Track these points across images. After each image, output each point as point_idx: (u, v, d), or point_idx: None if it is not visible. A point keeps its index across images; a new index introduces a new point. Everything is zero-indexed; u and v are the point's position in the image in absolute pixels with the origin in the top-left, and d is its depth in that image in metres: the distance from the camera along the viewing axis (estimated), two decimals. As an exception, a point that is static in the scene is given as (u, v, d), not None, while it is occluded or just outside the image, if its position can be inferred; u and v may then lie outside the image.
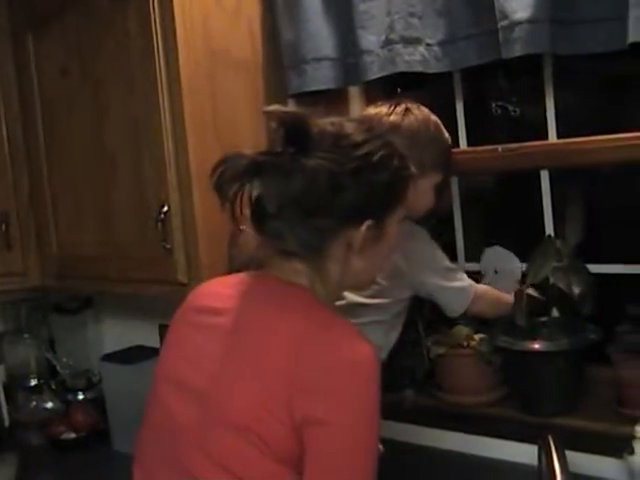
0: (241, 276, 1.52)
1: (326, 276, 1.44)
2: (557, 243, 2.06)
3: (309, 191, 1.34)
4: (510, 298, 2.04)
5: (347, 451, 1.28)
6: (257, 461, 1.30)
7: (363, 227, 1.40)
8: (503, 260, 2.16)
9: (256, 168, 1.34)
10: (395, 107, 1.95)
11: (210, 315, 1.47)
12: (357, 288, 1.68)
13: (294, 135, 1.36)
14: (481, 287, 2.08)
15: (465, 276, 2.05)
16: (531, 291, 2.03)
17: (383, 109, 1.95)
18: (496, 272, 2.15)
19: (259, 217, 1.39)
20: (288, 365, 1.29)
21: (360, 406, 1.29)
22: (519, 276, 2.10)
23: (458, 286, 2.01)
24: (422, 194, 1.95)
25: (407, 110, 1.94)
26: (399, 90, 2.45)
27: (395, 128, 1.88)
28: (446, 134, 1.99)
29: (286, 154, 1.36)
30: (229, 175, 1.35)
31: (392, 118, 1.92)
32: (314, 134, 1.38)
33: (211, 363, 1.40)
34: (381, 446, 1.66)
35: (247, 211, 1.39)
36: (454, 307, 2.04)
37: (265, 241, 1.45)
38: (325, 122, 1.43)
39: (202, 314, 1.50)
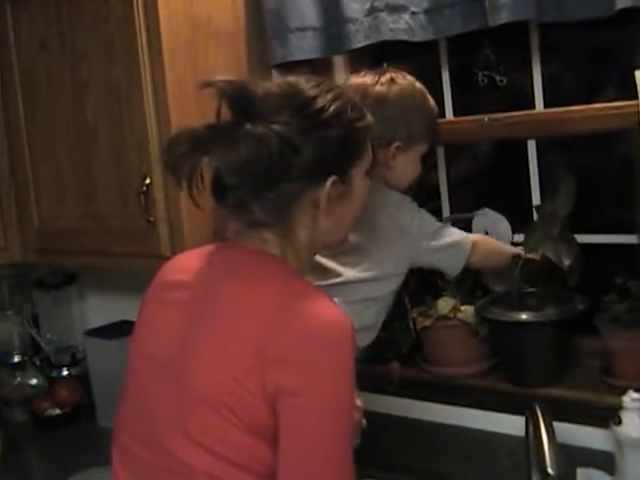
0: (209, 248, 1.49)
1: (296, 241, 1.42)
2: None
3: (262, 158, 1.31)
4: (509, 248, 2.05)
5: (320, 424, 1.26)
6: (233, 436, 1.27)
7: (327, 184, 1.39)
8: (494, 223, 2.13)
9: (204, 142, 1.33)
10: (379, 77, 1.91)
11: (177, 289, 1.45)
12: (328, 248, 1.63)
13: (237, 103, 1.35)
14: (476, 236, 2.02)
15: (456, 230, 1.98)
16: (532, 255, 2.01)
17: (367, 79, 1.91)
18: (487, 233, 2.12)
19: (219, 191, 1.38)
20: (258, 334, 1.27)
21: (333, 377, 1.27)
22: (510, 238, 2.08)
23: (451, 241, 1.93)
24: (410, 164, 1.93)
25: (392, 80, 1.91)
26: (385, 63, 2.43)
27: (382, 99, 1.85)
28: (432, 102, 1.96)
29: (232, 124, 1.34)
30: (179, 153, 1.34)
31: (377, 89, 1.88)
32: (258, 99, 1.36)
33: (179, 338, 1.37)
34: (364, 420, 1.67)
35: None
36: (453, 264, 1.95)
37: (230, 214, 1.43)
38: (272, 84, 1.43)
39: (169, 289, 1.48)
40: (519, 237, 2.11)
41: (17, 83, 2.47)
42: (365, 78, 1.92)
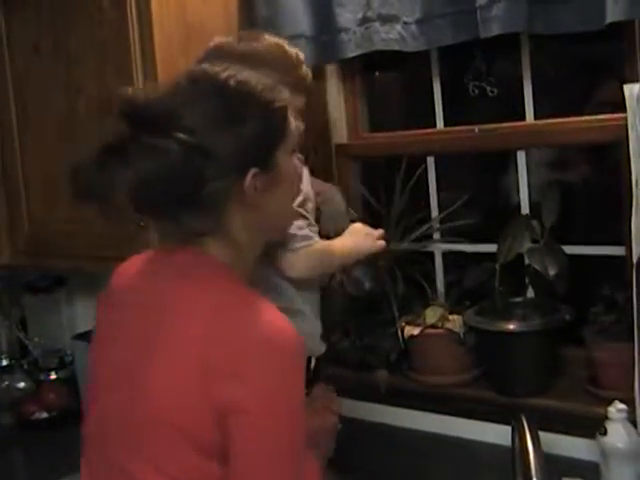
0: (154, 252, 1.45)
1: (238, 243, 1.35)
2: (532, 223, 2.07)
3: (167, 169, 1.22)
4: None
5: (271, 440, 1.21)
6: (183, 456, 1.23)
7: (248, 177, 1.29)
8: (322, 187, 1.98)
9: (103, 166, 1.25)
10: None
11: (124, 295, 1.42)
12: (276, 237, 1.54)
13: (130, 119, 1.26)
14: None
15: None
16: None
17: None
18: (318, 194, 1.92)
19: (142, 208, 1.31)
20: (203, 348, 1.22)
21: (284, 391, 1.22)
22: (342, 208, 1.99)
23: None
24: None
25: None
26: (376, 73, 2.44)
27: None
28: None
29: (127, 140, 1.25)
30: (83, 184, 1.27)
31: None
32: (151, 108, 1.27)
33: (126, 350, 1.33)
34: (339, 424, 1.69)
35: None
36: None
37: (168, 229, 1.37)
38: (169, 84, 1.34)
39: (117, 295, 1.44)
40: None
41: (10, 86, 2.47)
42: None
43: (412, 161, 2.26)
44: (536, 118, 2.11)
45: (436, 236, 2.32)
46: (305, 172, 1.76)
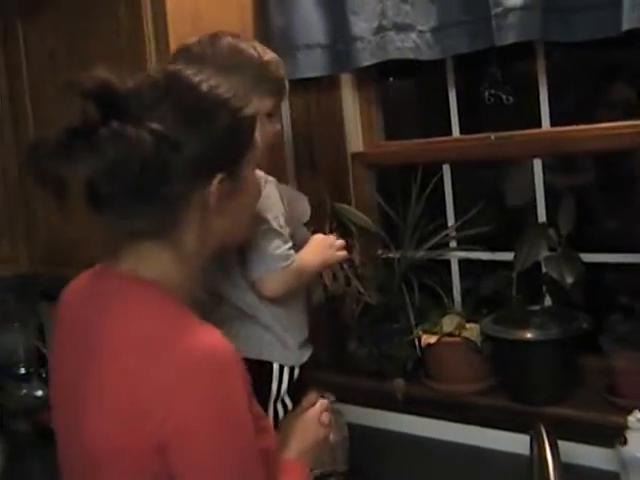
0: (94, 270, 1.39)
1: (182, 249, 1.29)
2: (549, 231, 2.06)
3: (135, 159, 1.17)
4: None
5: (215, 460, 1.16)
6: None
7: (215, 182, 1.26)
8: (289, 195, 1.94)
9: (66, 149, 1.17)
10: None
11: (66, 317, 1.38)
12: (228, 248, 1.49)
13: (102, 101, 1.18)
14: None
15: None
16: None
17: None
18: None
19: (94, 200, 1.24)
20: (134, 383, 1.16)
21: (216, 410, 1.15)
22: (304, 216, 1.96)
23: None
24: None
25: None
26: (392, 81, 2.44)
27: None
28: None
29: (97, 124, 1.18)
30: (41, 163, 1.18)
31: None
32: (128, 93, 1.21)
33: (66, 379, 1.30)
34: (332, 436, 1.62)
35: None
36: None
37: (109, 225, 1.29)
38: (148, 75, 1.29)
39: (61, 314, 1.40)
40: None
41: (26, 92, 2.49)
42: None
43: (428, 169, 2.26)
44: (552, 125, 2.10)
45: (452, 244, 2.31)
46: (272, 187, 1.73)
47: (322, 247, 1.83)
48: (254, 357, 1.67)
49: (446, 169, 2.29)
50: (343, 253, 1.87)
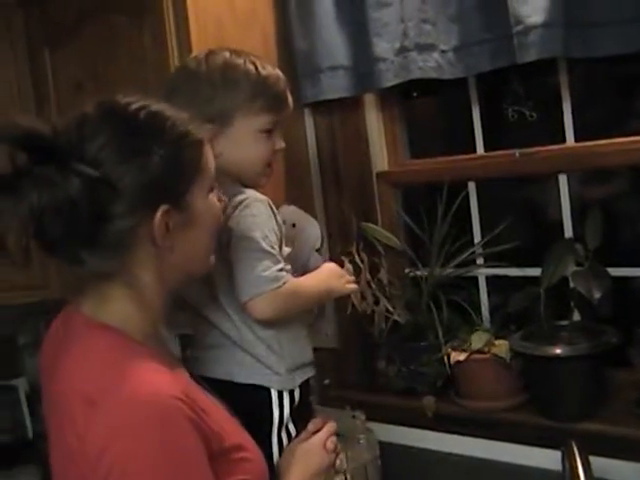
0: (63, 313, 1.38)
1: (141, 287, 1.27)
2: (576, 246, 2.06)
3: (65, 204, 1.13)
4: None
5: None
6: None
7: (158, 215, 1.22)
8: (301, 220, 1.99)
9: None
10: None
11: (41, 360, 1.39)
12: (190, 279, 1.41)
13: (28, 147, 1.16)
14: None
15: None
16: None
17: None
18: (294, 225, 1.97)
19: (44, 246, 1.22)
20: (78, 430, 1.16)
21: (152, 454, 1.13)
22: (317, 242, 1.96)
23: None
24: (239, 144, 1.68)
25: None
26: (415, 100, 2.46)
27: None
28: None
29: (19, 172, 1.15)
30: None
31: None
32: (52, 139, 1.17)
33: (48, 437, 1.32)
34: (339, 461, 1.57)
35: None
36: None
37: (67, 267, 1.27)
38: (74, 114, 1.24)
39: (40, 354, 1.40)
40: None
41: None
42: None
43: (453, 186, 2.27)
44: (576, 140, 2.10)
45: (479, 261, 2.32)
46: (262, 205, 1.66)
47: (330, 276, 1.78)
48: (247, 382, 1.65)
49: (471, 186, 2.30)
50: (353, 286, 1.83)
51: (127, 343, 1.25)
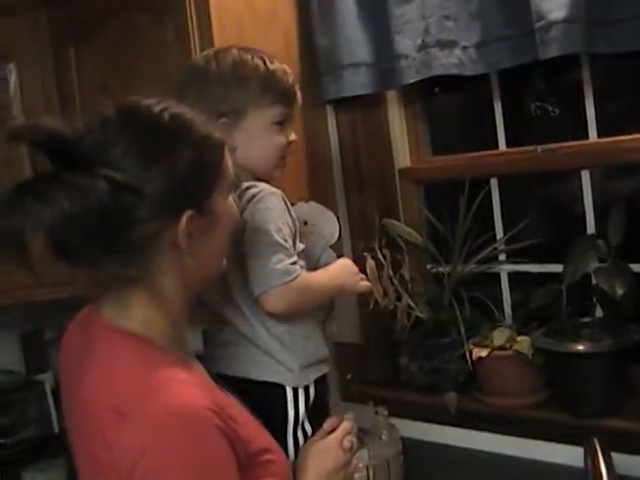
0: (82, 314, 1.38)
1: (163, 293, 1.26)
2: (598, 242, 2.06)
3: (92, 209, 1.12)
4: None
5: None
6: None
7: (183, 221, 1.21)
8: (318, 216, 1.98)
9: (16, 206, 1.11)
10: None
11: (61, 362, 1.39)
12: (209, 281, 1.42)
13: (53, 153, 1.15)
14: None
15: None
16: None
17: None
18: (305, 223, 1.95)
19: (62, 253, 1.20)
20: (106, 441, 1.16)
21: (185, 469, 1.12)
22: (333, 237, 1.96)
23: None
24: (253, 137, 1.70)
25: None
26: (437, 96, 2.46)
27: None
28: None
29: (47, 177, 1.14)
30: None
31: None
32: (77, 142, 1.17)
33: (70, 438, 1.32)
34: (355, 460, 1.55)
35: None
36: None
37: (87, 274, 1.25)
38: (96, 117, 1.23)
39: (59, 358, 1.41)
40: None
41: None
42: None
43: (475, 183, 2.27)
44: (599, 136, 2.09)
45: (501, 257, 2.31)
46: (275, 198, 1.66)
47: (344, 272, 1.78)
48: (261, 379, 1.66)
49: (493, 182, 2.30)
50: (366, 284, 1.83)
51: (152, 351, 1.25)
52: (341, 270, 1.78)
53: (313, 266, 1.82)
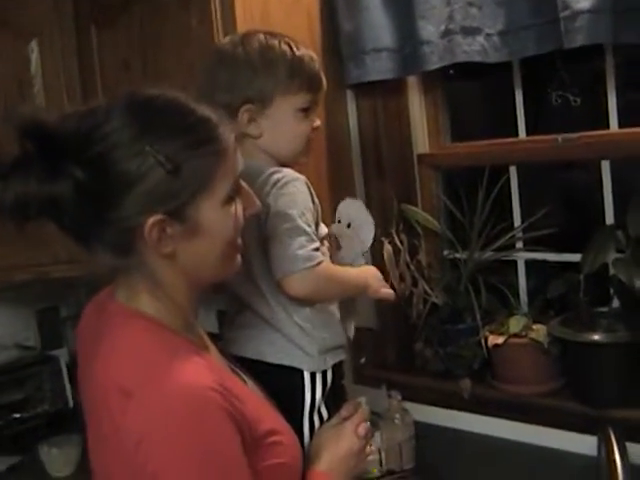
0: (101, 296, 1.40)
1: (159, 282, 1.27)
2: (617, 233, 2.06)
3: (74, 196, 1.15)
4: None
5: None
6: None
7: (148, 223, 1.19)
8: (360, 219, 1.93)
9: (5, 177, 1.15)
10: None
11: (78, 343, 1.41)
12: (218, 280, 1.39)
13: (34, 139, 1.16)
14: None
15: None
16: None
17: None
18: (349, 226, 1.89)
19: (74, 235, 1.24)
20: (115, 423, 1.17)
21: (189, 451, 1.14)
22: (365, 246, 1.94)
23: None
24: (279, 123, 1.68)
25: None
26: (458, 83, 2.45)
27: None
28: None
29: (32, 161, 1.16)
30: None
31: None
32: (59, 132, 1.17)
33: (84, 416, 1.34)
34: (369, 448, 1.57)
35: None
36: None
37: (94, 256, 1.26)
38: (83, 111, 1.23)
39: (77, 336, 1.42)
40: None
41: (100, 100, 2.54)
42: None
43: (494, 170, 2.27)
44: (620, 127, 2.09)
45: (519, 245, 2.32)
46: (300, 184, 1.64)
47: (370, 274, 1.78)
48: (277, 362, 1.65)
49: (512, 170, 2.30)
50: (389, 291, 1.80)
51: (162, 332, 1.26)
52: (367, 272, 1.78)
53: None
